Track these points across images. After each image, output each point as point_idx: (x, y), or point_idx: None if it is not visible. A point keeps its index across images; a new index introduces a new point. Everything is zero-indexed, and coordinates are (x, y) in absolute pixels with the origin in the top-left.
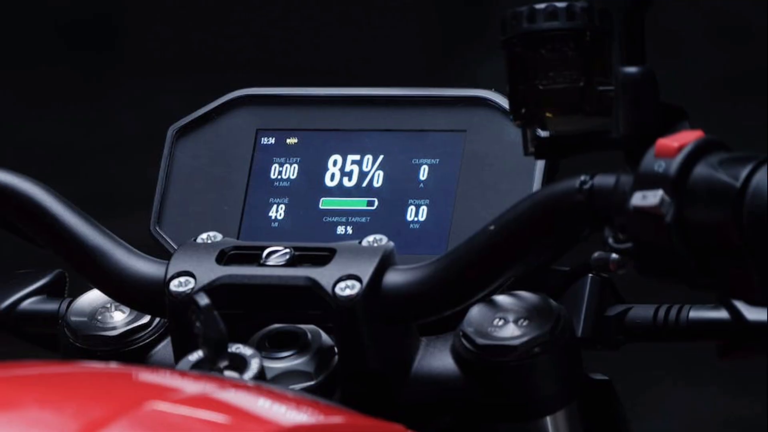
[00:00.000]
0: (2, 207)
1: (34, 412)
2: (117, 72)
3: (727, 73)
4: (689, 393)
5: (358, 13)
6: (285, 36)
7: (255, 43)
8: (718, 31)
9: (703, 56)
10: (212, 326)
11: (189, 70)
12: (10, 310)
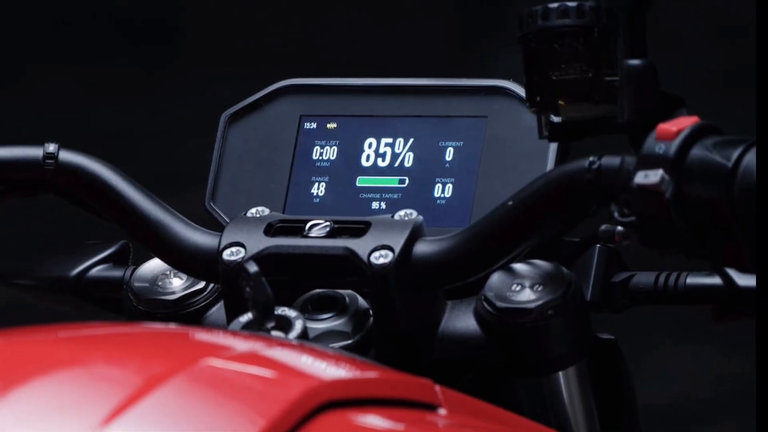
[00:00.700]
0: (74, 186)
1: (101, 367)
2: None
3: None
4: (686, 352)
5: (389, 12)
6: (324, 32)
7: (297, 38)
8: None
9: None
10: (260, 291)
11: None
12: (79, 277)
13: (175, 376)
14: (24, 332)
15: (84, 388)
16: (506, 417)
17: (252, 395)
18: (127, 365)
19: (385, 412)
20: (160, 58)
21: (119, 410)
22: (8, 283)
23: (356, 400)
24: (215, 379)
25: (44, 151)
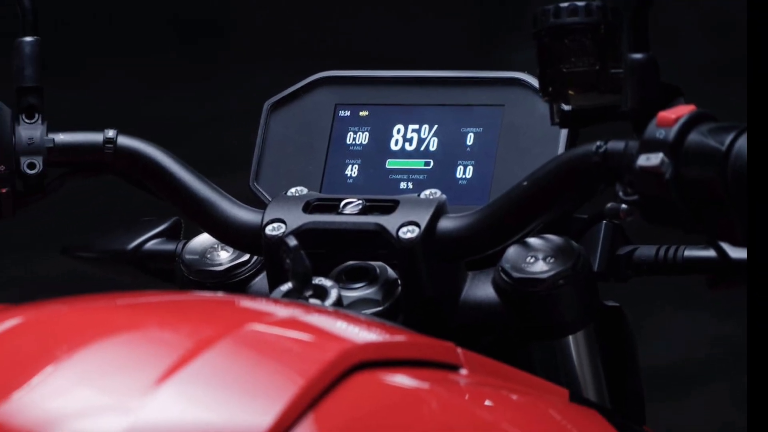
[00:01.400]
0: (131, 168)
1: (156, 331)
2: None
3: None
4: (683, 318)
5: (415, 11)
6: (357, 29)
7: (333, 34)
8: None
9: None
10: (299, 263)
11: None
12: (136, 250)
13: (222, 339)
14: (86, 300)
15: (140, 350)
16: (521, 377)
17: (292, 357)
18: (179, 330)
19: (411, 372)
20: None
21: (172, 370)
22: (73, 255)
23: (386, 361)
24: (258, 342)
25: (104, 136)
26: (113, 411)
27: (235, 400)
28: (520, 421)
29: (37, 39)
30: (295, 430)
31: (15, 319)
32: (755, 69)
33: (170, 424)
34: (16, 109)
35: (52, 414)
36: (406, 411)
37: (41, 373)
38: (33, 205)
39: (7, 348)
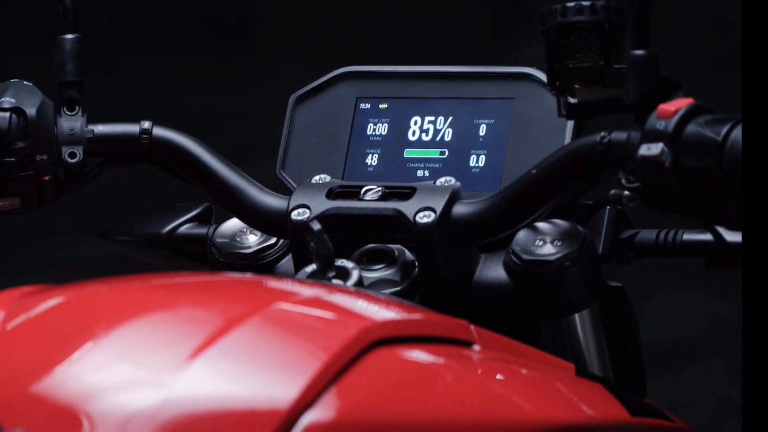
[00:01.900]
0: (165, 157)
1: (189, 310)
2: (249, 54)
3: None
4: (682, 297)
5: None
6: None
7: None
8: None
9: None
10: (323, 246)
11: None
12: (170, 234)
13: (250, 317)
14: (124, 281)
15: (173, 327)
16: (531, 352)
17: (316, 333)
18: (210, 308)
19: (428, 348)
20: (237, 49)
21: (203, 346)
22: (111, 239)
23: (404, 338)
24: (285, 320)
25: (140, 127)
26: (148, 385)
27: (262, 374)
28: (530, 394)
29: (78, 36)
30: (319, 403)
31: (57, 299)
32: (749, 65)
33: (201, 397)
34: (58, 102)
35: (92, 387)
36: (423, 384)
37: (81, 349)
38: (74, 192)
39: (49, 325)
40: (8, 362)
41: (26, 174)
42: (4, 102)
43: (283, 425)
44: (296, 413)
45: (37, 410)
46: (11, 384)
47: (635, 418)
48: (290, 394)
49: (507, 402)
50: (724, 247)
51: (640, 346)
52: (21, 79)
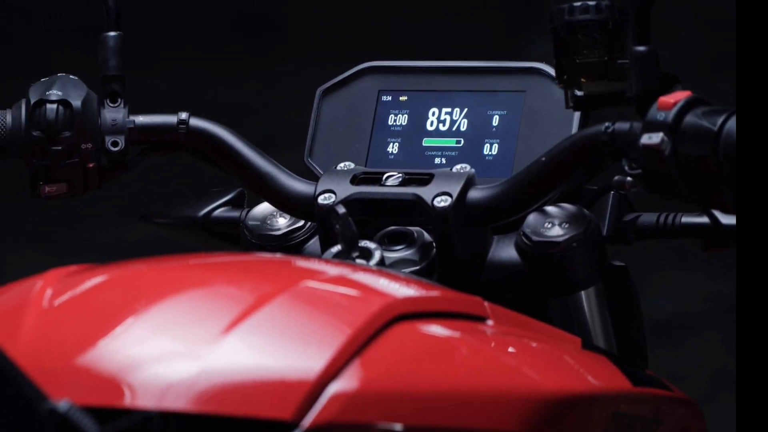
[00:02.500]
0: (201, 146)
1: (223, 287)
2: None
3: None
4: (680, 276)
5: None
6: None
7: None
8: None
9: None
10: (347, 228)
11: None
12: (206, 217)
13: (280, 294)
14: (163, 260)
15: (209, 303)
16: (540, 327)
17: (340, 309)
18: (243, 286)
19: (445, 323)
20: (266, 45)
21: (236, 321)
22: (151, 222)
23: (422, 313)
24: (312, 297)
25: (178, 118)
26: (185, 357)
27: (291, 347)
28: (539, 365)
29: (120, 34)
30: (344, 374)
31: (101, 277)
32: (743, 60)
33: (234, 368)
34: (101, 94)
35: (133, 359)
36: (440, 356)
37: (123, 324)
38: (116, 178)
39: (93, 301)
40: (55, 336)
41: (72, 161)
42: (52, 94)
43: (311, 395)
44: (323, 383)
45: (81, 381)
46: (57, 356)
47: (637, 388)
48: (317, 366)
49: (518, 372)
50: (720, 229)
51: (641, 321)
52: (67, 74)
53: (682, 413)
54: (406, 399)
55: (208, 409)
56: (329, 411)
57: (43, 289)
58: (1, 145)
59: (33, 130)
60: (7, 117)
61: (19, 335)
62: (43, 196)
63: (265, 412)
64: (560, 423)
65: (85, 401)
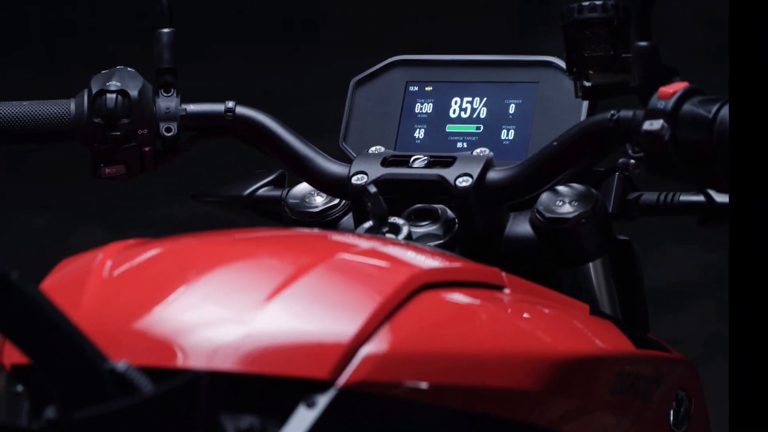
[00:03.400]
0: (246, 131)
1: (266, 259)
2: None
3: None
4: (679, 249)
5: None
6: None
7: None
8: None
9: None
10: (378, 206)
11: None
12: (250, 195)
13: (317, 265)
14: (211, 235)
15: (253, 273)
16: (552, 295)
17: (372, 279)
18: (284, 258)
19: (466, 291)
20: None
21: (278, 289)
22: (201, 200)
23: (446, 283)
24: (346, 268)
25: (225, 106)
26: (232, 322)
27: (327, 313)
28: (551, 329)
29: (173, 30)
30: (375, 337)
31: (155, 250)
32: (736, 55)
33: (276, 332)
34: (156, 85)
35: (184, 325)
36: (462, 322)
37: (175, 292)
38: (169, 160)
39: (148, 272)
40: (114, 303)
41: (130, 146)
42: (111, 85)
43: (345, 356)
44: (356, 346)
45: (138, 344)
46: (116, 322)
47: (640, 350)
48: (351, 330)
49: (532, 336)
50: (715, 207)
51: (643, 290)
52: (125, 66)
53: (680, 373)
54: (431, 360)
55: (252, 369)
56: (361, 371)
57: (104, 260)
58: (66, 130)
59: (94, 117)
60: (71, 106)
61: (82, 302)
62: (103, 177)
63: (303, 371)
64: (570, 382)
65: (141, 362)
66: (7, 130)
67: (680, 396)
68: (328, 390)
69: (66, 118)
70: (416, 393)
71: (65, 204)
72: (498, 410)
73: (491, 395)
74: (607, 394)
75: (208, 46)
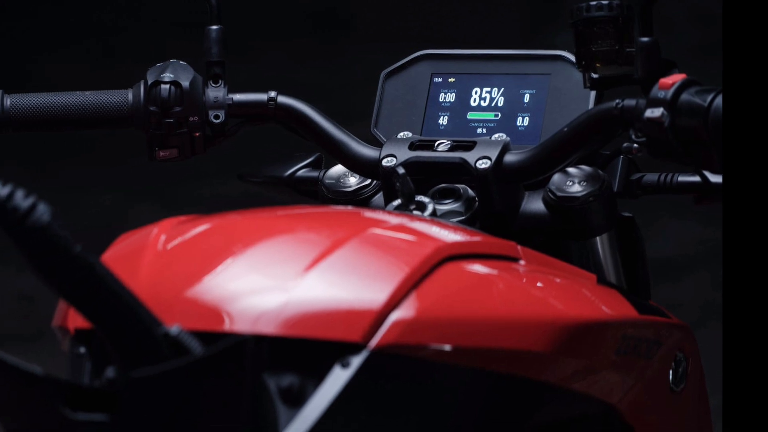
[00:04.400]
0: (287, 118)
1: (305, 233)
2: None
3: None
4: (677, 223)
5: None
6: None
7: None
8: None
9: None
10: (406, 185)
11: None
12: (290, 176)
13: (351, 239)
14: (255, 211)
15: (293, 246)
16: (563, 266)
17: (400, 251)
18: (321, 232)
19: (485, 262)
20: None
21: (316, 260)
22: (246, 180)
23: (467, 255)
24: (377, 241)
25: (267, 96)
26: (274, 290)
27: (360, 282)
28: (562, 297)
29: (221, 27)
30: (403, 304)
31: (205, 225)
32: (728, 49)
33: (314, 299)
34: (205, 77)
35: (231, 292)
36: (481, 290)
37: (223, 263)
38: (217, 145)
39: (199, 245)
40: (167, 273)
41: (181, 131)
42: (165, 76)
43: (376, 321)
44: (385, 312)
45: (189, 310)
46: (170, 290)
47: (642, 315)
48: (381, 297)
49: (545, 303)
50: (709, 186)
51: (645, 261)
52: (177, 60)
53: (678, 336)
54: (453, 324)
55: (292, 332)
56: (391, 334)
57: (158, 235)
58: (124, 118)
59: (150, 105)
60: (129, 95)
61: (138, 273)
62: (158, 159)
63: (338, 335)
64: (579, 343)
65: (192, 326)
66: (72, 118)
67: (678, 357)
68: (360, 352)
69: (124, 107)
70: (440, 354)
71: (124, 184)
72: (514, 370)
73: (508, 356)
74: (613, 354)
75: (253, 42)
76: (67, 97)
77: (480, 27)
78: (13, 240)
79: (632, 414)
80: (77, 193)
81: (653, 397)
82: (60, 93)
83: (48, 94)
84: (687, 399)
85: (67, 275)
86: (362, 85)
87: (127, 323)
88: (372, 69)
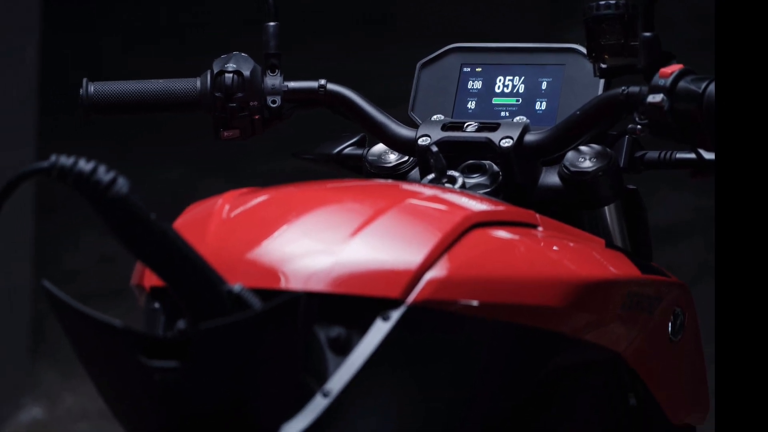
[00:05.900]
0: (335, 103)
1: (350, 203)
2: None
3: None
4: (675, 195)
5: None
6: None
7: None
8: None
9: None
10: (439, 161)
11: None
12: (338, 153)
13: (391, 208)
14: (307, 184)
15: (340, 214)
16: (576, 232)
17: (434, 219)
18: (364, 202)
19: (508, 229)
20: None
21: (360, 227)
22: (299, 157)
23: (492, 222)
24: (413, 210)
25: (318, 83)
26: (324, 253)
27: (399, 246)
28: (575, 258)
29: (277, 23)
30: (436, 265)
31: (264, 196)
32: (720, 43)
33: (358, 261)
34: (264, 67)
35: (286, 254)
36: (505, 253)
37: (280, 229)
38: (274, 126)
39: (258, 214)
40: (231, 238)
41: (243, 114)
42: (229, 67)
43: (413, 279)
44: (421, 271)
45: (250, 270)
46: (233, 252)
47: (644, 275)
48: (417, 259)
49: (560, 264)
50: (703, 162)
51: (647, 227)
52: (240, 52)
53: (676, 293)
54: (481, 283)
55: (339, 290)
56: (426, 291)
57: (222, 205)
58: (193, 102)
59: (215, 92)
60: (198, 83)
61: (205, 238)
62: (222, 138)
63: (380, 291)
64: (590, 300)
65: (252, 285)
66: (147, 103)
67: (676, 311)
68: (399, 307)
69: (193, 93)
70: (469, 309)
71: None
72: (534, 322)
73: (528, 310)
74: (619, 309)
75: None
76: (142, 85)
77: (505, 22)
78: (96, 210)
79: (636, 361)
80: (150, 169)
81: (654, 346)
82: (136, 81)
83: (126, 82)
84: (684, 348)
85: (143, 240)
86: (401, 74)
87: (196, 282)
88: (409, 60)
